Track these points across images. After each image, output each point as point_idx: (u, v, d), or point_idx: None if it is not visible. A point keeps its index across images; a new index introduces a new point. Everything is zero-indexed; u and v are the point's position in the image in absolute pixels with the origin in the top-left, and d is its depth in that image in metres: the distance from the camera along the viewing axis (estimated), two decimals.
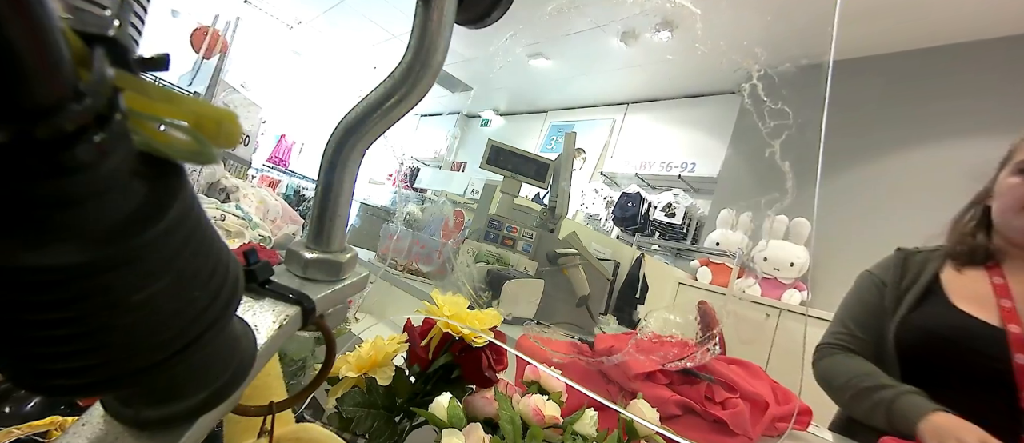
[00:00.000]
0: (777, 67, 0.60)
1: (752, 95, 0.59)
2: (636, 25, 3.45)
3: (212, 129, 0.14)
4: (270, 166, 5.79)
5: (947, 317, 0.88)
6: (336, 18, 4.75)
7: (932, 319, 0.90)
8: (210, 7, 3.32)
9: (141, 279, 0.14)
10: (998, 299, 0.86)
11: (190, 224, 0.15)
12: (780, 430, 0.71)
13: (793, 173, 0.60)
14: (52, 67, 0.10)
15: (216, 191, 1.82)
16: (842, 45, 2.88)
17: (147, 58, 0.13)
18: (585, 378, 0.74)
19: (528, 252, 1.39)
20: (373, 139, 0.29)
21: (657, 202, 3.62)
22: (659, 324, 0.82)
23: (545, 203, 1.60)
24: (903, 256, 1.01)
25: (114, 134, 0.12)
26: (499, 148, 1.43)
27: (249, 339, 0.21)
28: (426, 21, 0.27)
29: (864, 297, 1.01)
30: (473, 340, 0.51)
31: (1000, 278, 0.88)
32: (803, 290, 2.50)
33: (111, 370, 0.15)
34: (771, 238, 2.62)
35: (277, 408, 0.29)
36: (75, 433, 0.19)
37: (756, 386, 0.72)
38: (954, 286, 0.91)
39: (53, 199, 0.11)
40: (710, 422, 0.68)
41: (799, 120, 0.59)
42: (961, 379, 0.84)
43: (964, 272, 0.92)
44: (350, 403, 0.48)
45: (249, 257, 0.24)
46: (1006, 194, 0.90)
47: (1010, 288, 0.86)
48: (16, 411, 0.46)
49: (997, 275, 0.89)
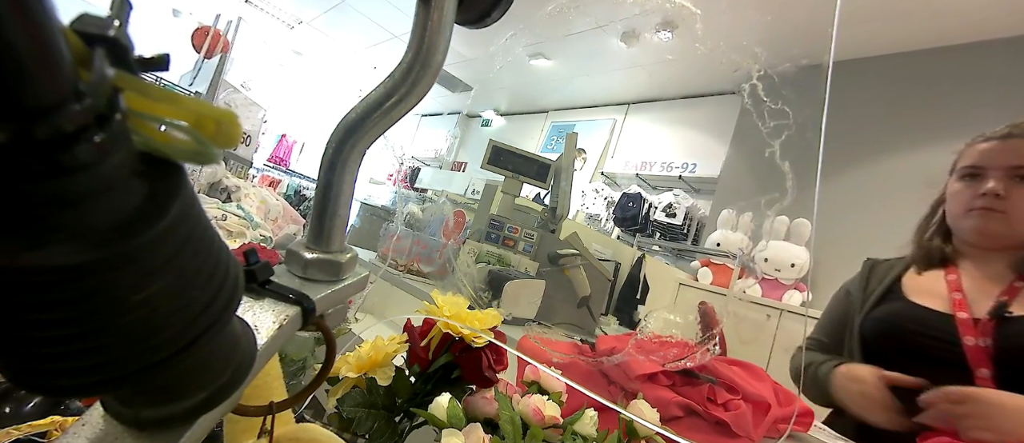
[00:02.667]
0: (777, 67, 0.60)
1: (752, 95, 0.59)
2: (636, 25, 3.45)
3: (212, 129, 0.14)
4: (271, 166, 5.79)
5: (902, 309, 0.95)
6: (336, 18, 4.75)
7: (889, 312, 0.97)
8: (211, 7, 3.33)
9: (141, 279, 0.14)
10: (950, 293, 0.92)
11: (190, 224, 0.15)
12: (782, 431, 0.71)
13: (793, 173, 0.60)
14: (52, 67, 0.10)
15: (217, 191, 1.82)
16: (842, 45, 2.88)
17: (147, 58, 0.13)
18: (586, 378, 0.74)
19: (529, 252, 1.39)
20: (373, 139, 0.29)
21: (658, 202, 3.62)
22: (660, 324, 0.82)
23: (546, 203, 1.60)
24: (870, 265, 1.10)
25: (114, 134, 0.12)
26: (500, 148, 1.43)
27: (249, 339, 0.21)
28: (426, 21, 0.27)
29: (831, 308, 1.12)
30: (473, 340, 0.51)
31: (954, 275, 0.95)
32: (804, 291, 2.50)
33: (111, 370, 0.15)
34: (772, 238, 2.61)
35: (277, 408, 0.29)
36: (75, 433, 0.19)
37: (758, 387, 0.72)
38: (911, 285, 0.98)
39: (53, 199, 0.11)
40: (712, 423, 0.67)
41: (799, 120, 0.59)
42: (918, 364, 0.89)
43: (923, 274, 0.99)
44: (350, 403, 0.48)
45: (249, 257, 0.24)
46: (952, 200, 0.98)
47: (962, 284, 0.92)
48: (16, 411, 0.46)
49: (952, 272, 0.96)
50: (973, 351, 0.83)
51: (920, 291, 0.96)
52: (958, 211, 0.95)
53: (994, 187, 0.87)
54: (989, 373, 0.81)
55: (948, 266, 0.97)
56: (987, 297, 0.87)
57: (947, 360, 0.86)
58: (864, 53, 2.97)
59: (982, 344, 0.83)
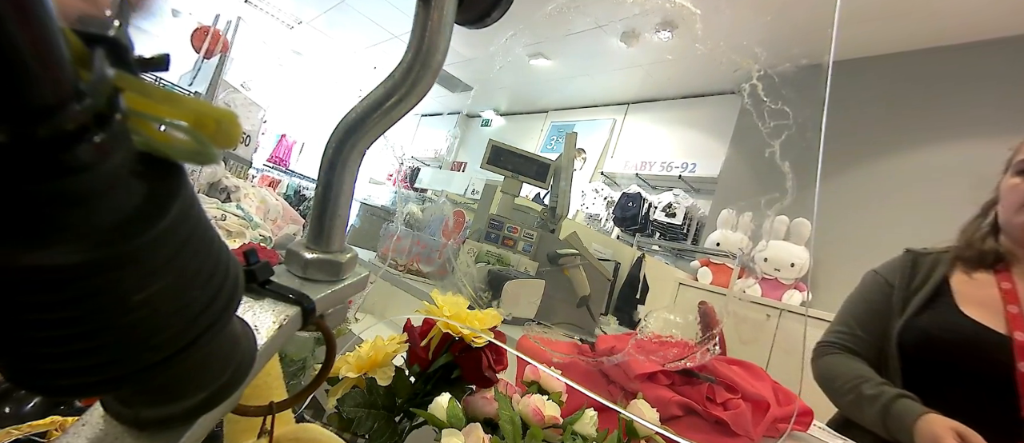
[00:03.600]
0: (777, 67, 0.60)
1: (752, 95, 0.59)
2: (636, 25, 3.45)
3: (212, 129, 0.14)
4: (271, 166, 5.79)
5: (953, 322, 0.87)
6: (336, 18, 4.75)
7: (937, 323, 0.89)
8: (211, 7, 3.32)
9: (141, 279, 0.14)
10: (1006, 305, 0.85)
11: (190, 224, 0.15)
12: (781, 431, 0.71)
13: (793, 173, 0.60)
14: (52, 67, 0.10)
15: (217, 191, 1.82)
16: (842, 45, 2.88)
17: (147, 58, 0.13)
18: (585, 378, 0.74)
19: (528, 252, 1.39)
20: (373, 139, 0.29)
21: (657, 202, 3.62)
22: (659, 324, 0.82)
23: (546, 203, 1.60)
24: (912, 258, 1.00)
25: (114, 134, 0.12)
26: (500, 148, 1.43)
27: (249, 339, 0.21)
28: (426, 21, 0.27)
29: (869, 297, 1.01)
30: (473, 340, 0.51)
31: (1008, 283, 0.88)
32: (804, 290, 2.50)
33: (111, 370, 0.15)
34: (771, 238, 2.61)
35: (277, 408, 0.29)
36: (75, 433, 0.19)
37: (757, 387, 0.72)
38: (962, 290, 0.91)
39: (53, 199, 0.11)
40: (711, 423, 0.67)
41: (799, 120, 0.59)
42: (962, 384, 0.84)
43: (973, 276, 0.92)
44: (350, 403, 0.48)
45: (249, 257, 0.24)
46: (1008, 195, 0.90)
47: (1018, 293, 0.86)
48: (16, 411, 0.46)
49: (1006, 280, 0.89)
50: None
51: (971, 300, 0.89)
52: (1014, 206, 0.89)
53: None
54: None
55: (999, 268, 0.90)
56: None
57: (994, 383, 0.81)
58: (864, 53, 2.97)
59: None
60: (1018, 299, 0.85)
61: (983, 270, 0.92)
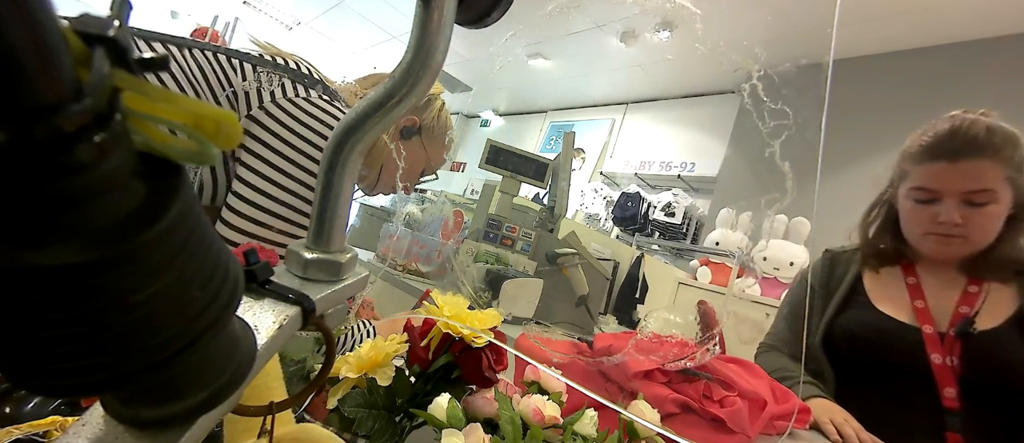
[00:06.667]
0: (777, 67, 0.60)
1: (752, 95, 0.59)
2: (636, 25, 3.45)
3: (212, 129, 0.14)
4: None
5: (867, 319, 0.92)
6: (335, 19, 4.75)
7: (856, 320, 0.94)
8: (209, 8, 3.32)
9: (141, 279, 0.14)
10: (912, 300, 0.90)
11: (190, 224, 0.15)
12: (779, 429, 0.71)
13: (793, 173, 0.60)
14: (52, 67, 0.10)
15: None
16: (842, 45, 2.88)
17: (147, 58, 0.13)
18: (585, 378, 0.74)
19: (527, 252, 1.39)
20: (373, 140, 0.29)
21: (657, 202, 3.62)
22: (659, 324, 0.82)
23: (544, 203, 1.60)
24: (830, 257, 1.07)
25: (114, 134, 0.12)
26: (498, 148, 1.43)
27: (249, 339, 0.21)
28: (426, 21, 0.27)
29: (792, 299, 1.09)
30: (473, 340, 0.51)
31: (913, 277, 0.92)
32: None
33: (111, 370, 0.15)
34: (771, 237, 2.62)
35: (277, 408, 0.29)
36: (75, 433, 0.19)
37: (755, 384, 0.72)
38: (874, 288, 0.96)
39: (53, 199, 0.11)
40: (708, 420, 0.67)
41: (799, 120, 0.59)
42: (886, 378, 0.88)
43: (881, 272, 0.97)
44: (350, 404, 0.48)
45: (249, 257, 0.24)
46: (908, 219, 0.94)
47: (922, 288, 0.90)
48: (16, 411, 0.46)
49: (911, 274, 0.93)
50: (940, 370, 0.83)
51: (883, 296, 0.93)
52: (917, 231, 0.92)
53: (953, 216, 0.85)
54: (955, 392, 0.81)
55: (904, 264, 0.95)
56: (948, 302, 0.87)
57: (915, 375, 0.85)
58: (864, 53, 2.97)
59: (949, 363, 0.82)
60: (923, 293, 0.89)
61: (889, 265, 0.96)
